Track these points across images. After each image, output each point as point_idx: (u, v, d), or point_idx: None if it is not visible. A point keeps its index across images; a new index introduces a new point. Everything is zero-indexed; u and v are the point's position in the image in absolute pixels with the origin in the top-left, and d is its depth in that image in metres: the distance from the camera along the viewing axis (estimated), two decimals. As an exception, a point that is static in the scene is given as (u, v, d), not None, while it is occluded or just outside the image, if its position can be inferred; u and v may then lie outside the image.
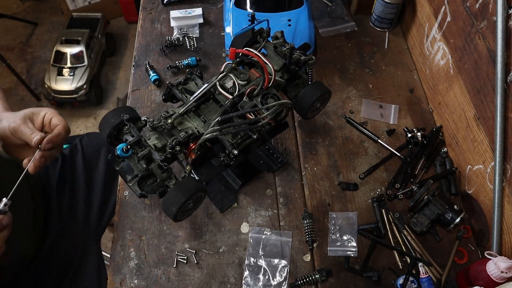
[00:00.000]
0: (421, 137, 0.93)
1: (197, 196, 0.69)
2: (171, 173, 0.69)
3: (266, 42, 0.81)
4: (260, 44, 0.80)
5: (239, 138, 0.70)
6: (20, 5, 2.75)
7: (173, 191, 0.66)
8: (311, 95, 0.77)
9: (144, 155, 0.67)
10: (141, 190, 0.69)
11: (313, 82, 0.82)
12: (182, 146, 0.69)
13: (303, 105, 0.78)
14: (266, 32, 0.81)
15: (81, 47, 2.14)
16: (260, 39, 0.81)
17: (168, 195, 0.66)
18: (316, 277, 0.76)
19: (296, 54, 0.78)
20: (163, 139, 0.70)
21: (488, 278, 0.68)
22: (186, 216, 0.72)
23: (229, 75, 0.73)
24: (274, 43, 0.80)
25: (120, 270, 0.78)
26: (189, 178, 0.68)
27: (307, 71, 0.83)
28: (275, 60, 0.79)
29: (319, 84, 0.79)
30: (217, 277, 0.78)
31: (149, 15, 1.18)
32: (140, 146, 0.68)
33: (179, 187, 0.66)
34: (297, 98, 0.78)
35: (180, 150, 0.68)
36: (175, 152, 0.68)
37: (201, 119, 0.72)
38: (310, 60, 0.80)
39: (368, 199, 0.87)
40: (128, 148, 0.67)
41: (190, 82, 0.77)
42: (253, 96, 0.72)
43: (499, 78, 0.73)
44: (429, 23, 1.01)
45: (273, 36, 0.82)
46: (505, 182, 0.76)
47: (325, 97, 0.81)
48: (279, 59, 0.79)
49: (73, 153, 1.06)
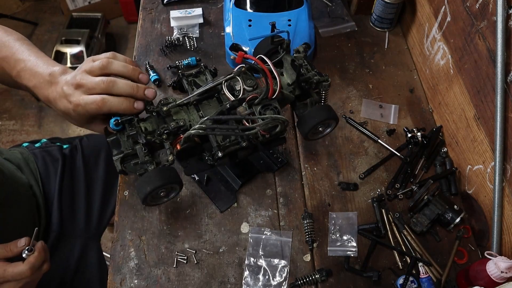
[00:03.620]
0: (421, 137, 0.93)
1: (171, 187, 0.71)
2: (154, 159, 0.70)
3: (286, 54, 0.79)
4: (279, 55, 0.79)
5: (228, 141, 0.70)
6: (20, 5, 2.75)
7: (150, 173, 0.68)
8: (314, 117, 0.74)
9: (131, 135, 0.69)
10: (122, 168, 0.71)
11: (323, 105, 0.79)
12: (170, 135, 0.70)
13: (305, 125, 0.75)
14: (286, 43, 0.79)
15: (81, 47, 2.14)
16: (280, 49, 0.80)
17: (145, 176, 0.68)
18: (316, 277, 0.76)
19: (310, 73, 0.76)
20: (155, 124, 0.71)
21: (488, 278, 0.68)
22: (154, 204, 0.75)
23: (238, 78, 0.73)
24: (294, 56, 0.78)
25: (120, 270, 0.78)
26: (169, 167, 0.70)
27: (321, 92, 0.79)
28: (289, 74, 0.78)
29: (327, 108, 0.76)
30: (217, 277, 0.78)
31: (149, 15, 1.19)
32: (131, 125, 0.70)
33: (157, 172, 0.68)
34: (300, 117, 0.76)
35: (167, 138, 0.69)
36: (162, 139, 0.69)
37: (199, 114, 0.73)
38: (325, 82, 0.76)
39: (368, 199, 0.87)
40: (119, 123, 0.69)
41: (201, 76, 0.77)
42: (253, 104, 0.71)
43: (499, 78, 0.73)
44: (429, 23, 1.01)
45: (295, 50, 0.79)
46: (505, 182, 0.76)
47: (330, 123, 0.78)
48: (294, 73, 0.77)
49: (73, 153, 1.06)
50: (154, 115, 0.71)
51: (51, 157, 1.03)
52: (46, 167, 1.01)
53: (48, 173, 1.00)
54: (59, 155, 1.03)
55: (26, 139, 2.17)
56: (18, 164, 0.96)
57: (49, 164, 1.01)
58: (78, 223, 1.01)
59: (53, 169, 1.01)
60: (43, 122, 2.23)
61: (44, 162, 1.01)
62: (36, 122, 2.24)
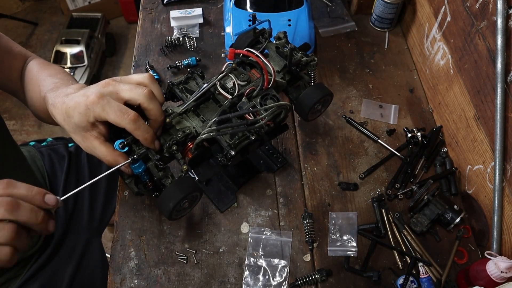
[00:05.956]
0: (421, 137, 0.93)
1: (193, 196, 0.69)
2: (168, 172, 0.69)
3: (268, 42, 0.80)
4: (262, 44, 0.80)
5: (236, 139, 0.70)
6: (20, 5, 2.75)
7: (169, 189, 0.66)
8: (312, 97, 0.76)
9: (141, 154, 0.67)
10: (138, 189, 0.69)
11: (315, 84, 0.81)
12: (179, 146, 0.69)
13: (304, 106, 0.77)
14: (268, 32, 0.80)
15: (81, 47, 2.14)
16: (262, 39, 0.81)
17: (164, 192, 0.66)
18: (316, 277, 0.76)
19: (298, 56, 0.78)
20: (160, 138, 0.70)
21: (488, 278, 0.68)
22: (180, 216, 0.72)
23: (229, 75, 0.73)
24: (277, 43, 0.80)
25: (120, 270, 0.78)
26: (186, 177, 0.68)
27: (309, 72, 0.82)
28: (276, 61, 0.79)
29: (320, 86, 0.78)
30: (217, 277, 0.78)
31: (149, 15, 1.19)
32: (137, 144, 0.68)
33: (175, 186, 0.66)
34: (297, 99, 0.78)
35: (177, 149, 0.68)
36: (172, 151, 0.68)
37: (200, 118, 0.72)
38: (312, 61, 0.79)
39: (368, 199, 0.87)
40: (124, 145, 0.66)
41: (191, 81, 0.77)
42: (252, 97, 0.72)
43: (499, 78, 0.73)
44: (429, 23, 1.01)
45: (276, 37, 0.81)
46: (505, 182, 0.76)
47: (326, 99, 0.80)
48: (281, 60, 0.79)
49: (78, 151, 1.07)
50: None
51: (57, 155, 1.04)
52: (53, 165, 1.02)
53: (54, 171, 1.01)
54: (65, 152, 1.05)
55: (26, 139, 2.17)
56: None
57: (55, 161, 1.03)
58: (82, 220, 1.02)
59: (59, 167, 1.02)
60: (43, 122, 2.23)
61: (50, 159, 1.02)
62: (36, 122, 2.24)
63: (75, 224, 1.01)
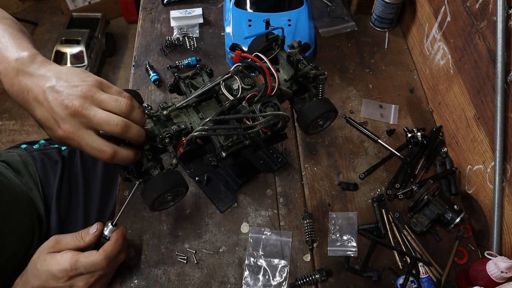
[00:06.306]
0: (421, 137, 0.93)
1: (177, 190, 0.70)
2: (158, 163, 0.69)
3: (281, 50, 0.79)
4: (274, 51, 0.79)
5: (230, 141, 0.70)
6: (20, 5, 2.75)
7: (155, 179, 0.67)
8: (315, 111, 0.74)
9: None
10: (127, 175, 0.70)
11: (321, 98, 0.79)
12: (172, 139, 0.69)
13: (305, 119, 0.75)
14: (281, 40, 0.79)
15: (81, 47, 2.14)
16: (275, 46, 0.80)
17: (150, 182, 0.67)
18: (316, 277, 0.76)
19: (306, 68, 0.76)
20: (156, 129, 0.70)
21: (488, 278, 0.68)
22: (162, 209, 0.73)
23: (235, 77, 0.73)
24: (289, 52, 0.78)
25: (120, 270, 0.78)
26: (173, 171, 0.69)
27: (318, 86, 0.79)
28: (286, 70, 0.78)
29: (326, 101, 0.76)
30: (217, 277, 0.78)
31: (149, 15, 1.19)
32: None
33: (162, 177, 0.67)
34: (300, 111, 0.76)
35: (170, 142, 0.69)
36: (165, 144, 0.69)
37: (199, 115, 0.72)
38: (322, 75, 0.76)
39: (368, 199, 0.87)
40: None
41: (198, 77, 0.77)
42: (253, 102, 0.71)
43: (499, 78, 0.73)
44: (429, 23, 1.01)
45: (290, 45, 0.79)
46: (505, 182, 0.76)
47: (330, 115, 0.78)
48: (290, 69, 0.77)
49: (71, 155, 1.05)
50: (154, 119, 0.71)
51: (50, 160, 1.01)
52: (45, 170, 0.99)
53: (47, 177, 0.99)
54: (58, 157, 1.02)
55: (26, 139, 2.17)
56: (17, 167, 0.95)
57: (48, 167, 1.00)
58: (76, 226, 1.00)
59: (52, 172, 1.00)
60: (43, 122, 2.23)
61: (43, 165, 1.00)
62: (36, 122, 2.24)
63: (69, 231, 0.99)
